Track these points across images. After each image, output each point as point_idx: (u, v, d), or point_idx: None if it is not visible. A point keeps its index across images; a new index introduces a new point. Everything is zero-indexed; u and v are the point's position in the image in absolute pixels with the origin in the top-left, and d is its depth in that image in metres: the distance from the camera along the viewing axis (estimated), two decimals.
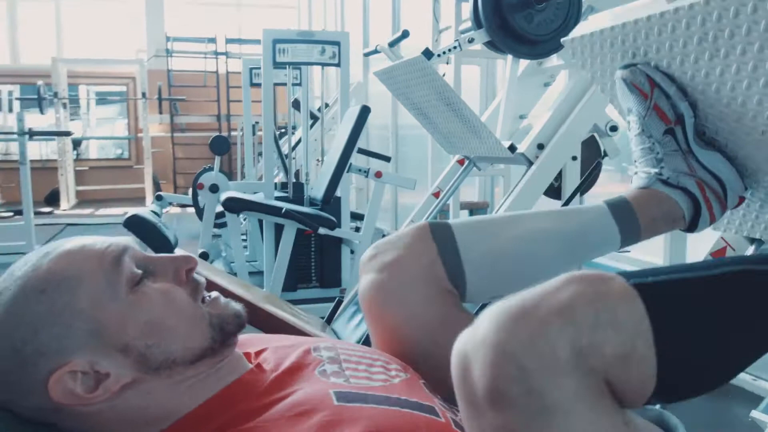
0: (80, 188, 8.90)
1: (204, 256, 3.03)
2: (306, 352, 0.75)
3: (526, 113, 2.37)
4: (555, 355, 0.47)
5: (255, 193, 3.40)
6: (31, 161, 8.41)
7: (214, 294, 0.71)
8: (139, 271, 0.66)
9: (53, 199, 8.25)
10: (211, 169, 3.18)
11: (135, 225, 1.87)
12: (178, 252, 0.72)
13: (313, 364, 0.73)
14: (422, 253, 0.85)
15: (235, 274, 2.97)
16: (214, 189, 3.09)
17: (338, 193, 3.43)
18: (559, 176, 2.63)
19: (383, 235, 4.28)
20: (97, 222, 6.84)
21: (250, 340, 0.80)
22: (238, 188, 3.39)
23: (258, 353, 0.77)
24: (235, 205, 2.76)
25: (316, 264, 3.52)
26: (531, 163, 1.99)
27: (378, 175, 3.11)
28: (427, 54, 1.94)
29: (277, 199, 3.31)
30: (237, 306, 0.72)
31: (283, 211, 2.65)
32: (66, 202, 8.19)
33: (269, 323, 2.02)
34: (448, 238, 0.86)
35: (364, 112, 2.91)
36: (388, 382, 0.72)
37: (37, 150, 9.24)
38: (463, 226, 0.89)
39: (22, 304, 0.61)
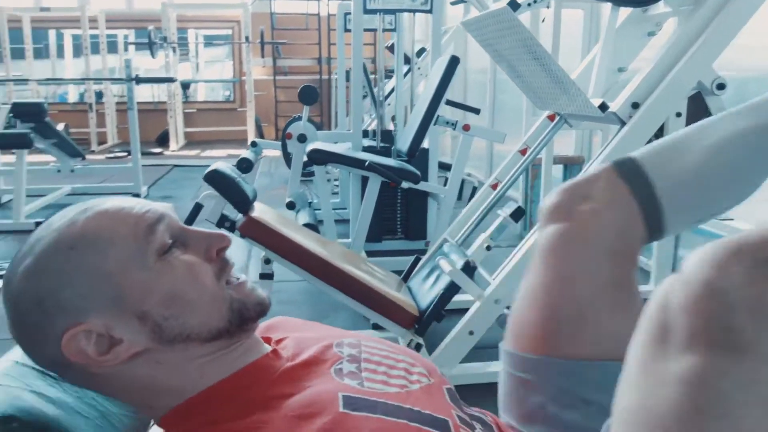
0: (188, 130, 9.28)
1: (290, 205, 3.08)
2: (327, 347, 0.73)
3: (626, 66, 2.19)
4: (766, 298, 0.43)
5: (338, 143, 3.40)
6: (144, 103, 8.89)
7: (243, 278, 0.69)
8: (170, 241, 0.65)
9: (164, 140, 8.67)
10: (299, 118, 3.19)
11: (215, 179, 1.90)
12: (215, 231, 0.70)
13: (331, 361, 0.70)
14: (613, 199, 0.82)
15: (321, 222, 3.00)
16: (302, 139, 3.11)
17: (426, 145, 3.36)
18: (660, 132, 2.44)
19: (474, 187, 4.19)
20: (202, 164, 7.13)
21: (274, 324, 0.78)
22: (326, 138, 3.40)
23: (279, 341, 0.75)
24: (319, 157, 2.77)
25: (401, 216, 3.50)
26: (624, 124, 1.84)
27: (466, 128, 3.00)
28: (513, 5, 1.81)
29: (366, 149, 3.29)
30: (262, 294, 0.70)
31: (366, 164, 2.62)
32: (175, 144, 8.59)
33: (342, 281, 2.03)
34: (637, 174, 0.83)
35: (453, 62, 2.80)
36: (405, 388, 0.69)
37: (149, 92, 9.70)
38: (649, 155, 0.85)
39: (51, 257, 0.62)
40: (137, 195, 4.95)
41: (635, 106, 1.81)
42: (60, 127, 5.74)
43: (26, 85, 8.25)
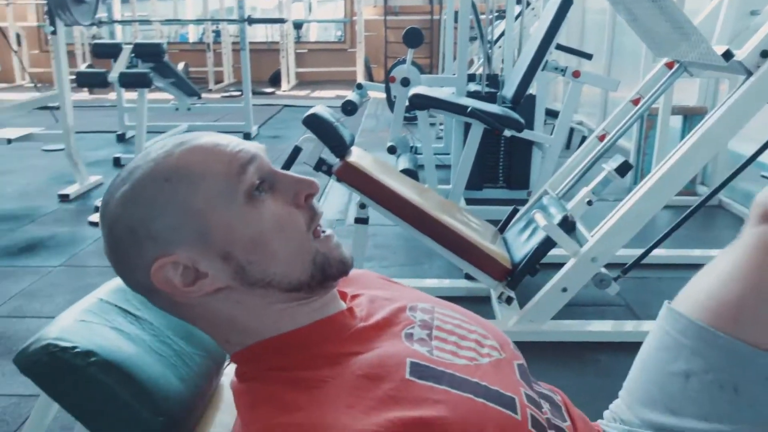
0: (299, 70, 9.44)
1: (391, 150, 3.07)
2: (400, 310, 0.72)
3: (760, 9, 1.97)
4: None
5: (443, 87, 3.33)
6: (257, 43, 9.09)
7: (329, 231, 0.68)
8: (258, 181, 0.64)
9: (275, 80, 8.87)
10: (404, 61, 3.15)
11: (313, 123, 1.92)
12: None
13: (403, 324, 0.70)
14: None
15: (421, 167, 2.98)
16: (405, 83, 3.07)
17: (534, 91, 3.23)
18: None
19: (583, 137, 3.98)
20: (311, 104, 7.25)
21: (352, 278, 0.78)
22: (430, 82, 3.34)
23: (354, 297, 0.75)
24: (421, 102, 2.73)
25: (504, 164, 3.42)
26: (750, 74, 1.67)
27: (576, 74, 2.85)
28: None
29: (471, 94, 3.21)
30: (346, 253, 0.68)
31: (468, 110, 2.56)
32: (286, 83, 8.77)
33: (436, 229, 2.02)
34: None
35: (566, 3, 2.64)
36: (474, 361, 0.68)
37: (263, 32, 9.90)
38: None
39: (146, 187, 0.63)
40: (248, 134, 5.13)
41: (765, 54, 1.64)
42: (180, 66, 6.00)
43: (150, 26, 8.64)
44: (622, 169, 1.85)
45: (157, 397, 0.68)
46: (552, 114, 3.60)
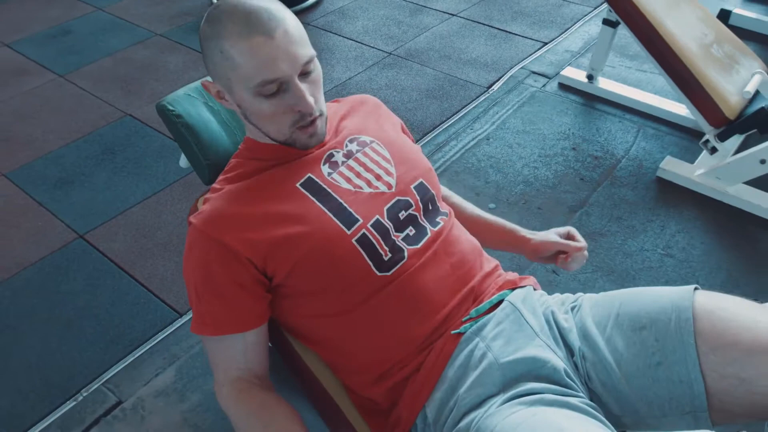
0: None
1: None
2: (345, 137, 1.04)
3: None
4: None
5: None
6: None
7: (311, 128, 0.95)
8: (272, 91, 0.89)
9: None
10: None
11: None
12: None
13: (332, 148, 1.01)
14: None
15: None
16: None
17: None
18: None
19: None
20: None
21: (360, 101, 1.15)
22: None
23: (343, 117, 1.09)
24: None
25: None
26: None
27: None
28: None
29: None
30: (313, 141, 0.96)
31: None
32: None
33: (666, 53, 1.92)
34: None
35: None
36: (359, 189, 0.97)
37: None
38: None
39: (221, 27, 0.88)
40: None
41: None
42: None
43: None
44: None
45: (210, 149, 1.19)
46: None
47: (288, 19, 0.89)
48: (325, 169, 0.98)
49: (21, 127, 2.56)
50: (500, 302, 0.99)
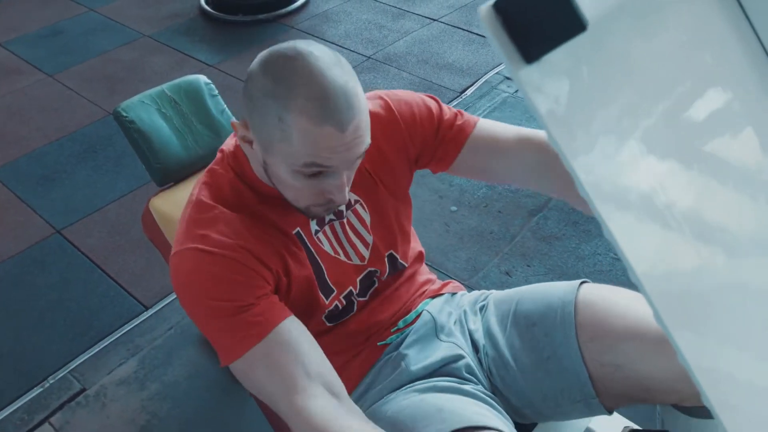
0: None
1: None
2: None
3: None
4: None
5: None
6: None
7: (330, 215, 0.94)
8: (314, 172, 0.81)
9: None
10: None
11: None
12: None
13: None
14: None
15: None
16: None
17: None
18: None
19: None
20: None
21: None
22: None
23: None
24: None
25: None
26: None
27: None
28: None
29: None
30: (319, 218, 0.94)
31: None
32: None
33: None
34: None
35: None
36: (337, 255, 0.96)
37: None
38: None
39: (293, 91, 0.77)
40: None
41: None
42: None
43: None
44: None
45: (161, 153, 1.28)
46: None
47: (362, 108, 0.80)
48: (313, 225, 0.95)
49: (8, 125, 2.66)
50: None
